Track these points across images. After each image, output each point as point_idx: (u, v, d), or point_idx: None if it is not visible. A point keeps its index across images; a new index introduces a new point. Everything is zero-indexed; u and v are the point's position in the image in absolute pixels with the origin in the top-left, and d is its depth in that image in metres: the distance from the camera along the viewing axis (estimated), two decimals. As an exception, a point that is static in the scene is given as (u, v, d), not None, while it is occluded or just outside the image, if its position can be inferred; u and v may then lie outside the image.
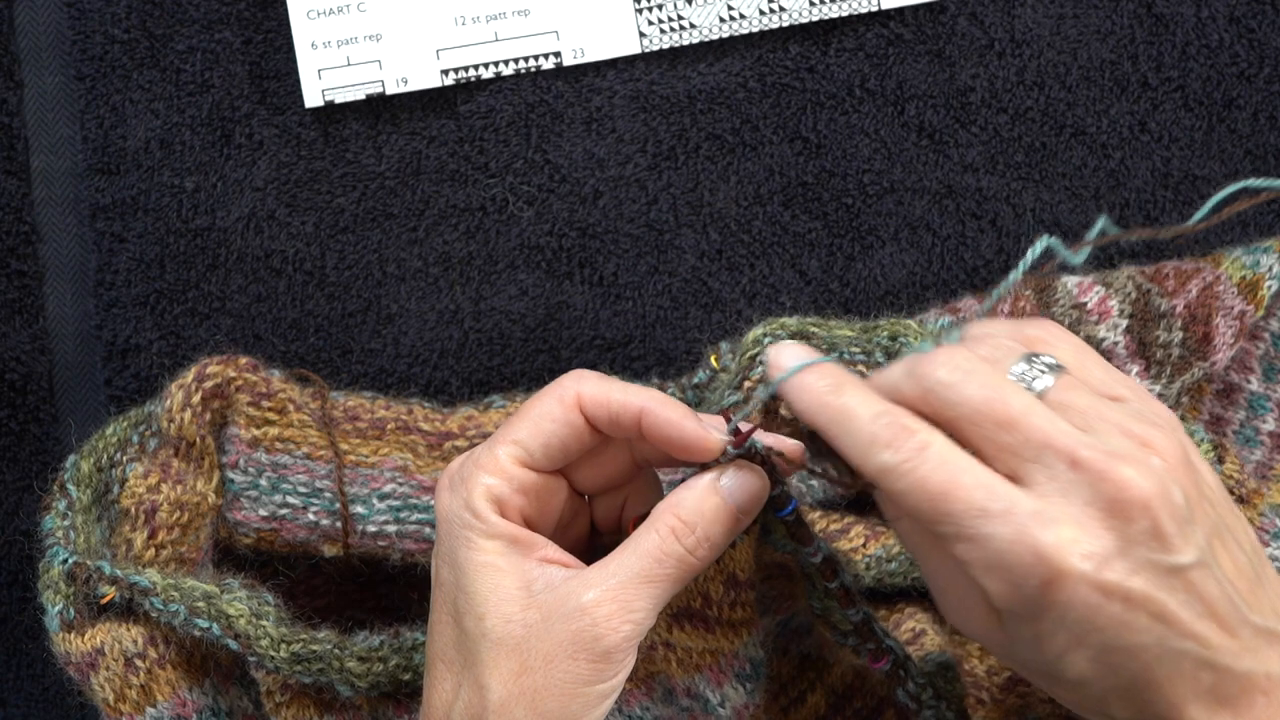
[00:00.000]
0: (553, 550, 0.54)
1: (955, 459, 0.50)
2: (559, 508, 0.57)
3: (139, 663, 0.61)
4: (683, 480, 0.56)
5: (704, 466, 0.55)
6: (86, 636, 0.62)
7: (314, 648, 0.61)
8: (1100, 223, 0.52)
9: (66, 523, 0.64)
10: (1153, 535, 0.48)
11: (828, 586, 0.58)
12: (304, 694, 0.61)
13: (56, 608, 0.62)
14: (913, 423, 0.50)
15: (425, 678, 0.55)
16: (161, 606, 0.61)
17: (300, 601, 0.66)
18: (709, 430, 0.54)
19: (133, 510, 0.64)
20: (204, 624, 0.61)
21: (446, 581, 0.54)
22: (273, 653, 0.60)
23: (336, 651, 0.61)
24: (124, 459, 0.65)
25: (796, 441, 0.56)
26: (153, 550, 0.63)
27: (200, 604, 0.61)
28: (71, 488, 0.65)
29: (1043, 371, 0.52)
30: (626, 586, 0.52)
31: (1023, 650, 0.50)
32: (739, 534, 0.55)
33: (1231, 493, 0.61)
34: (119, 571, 0.61)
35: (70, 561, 0.62)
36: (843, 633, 0.59)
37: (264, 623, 0.61)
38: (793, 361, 0.54)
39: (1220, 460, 0.61)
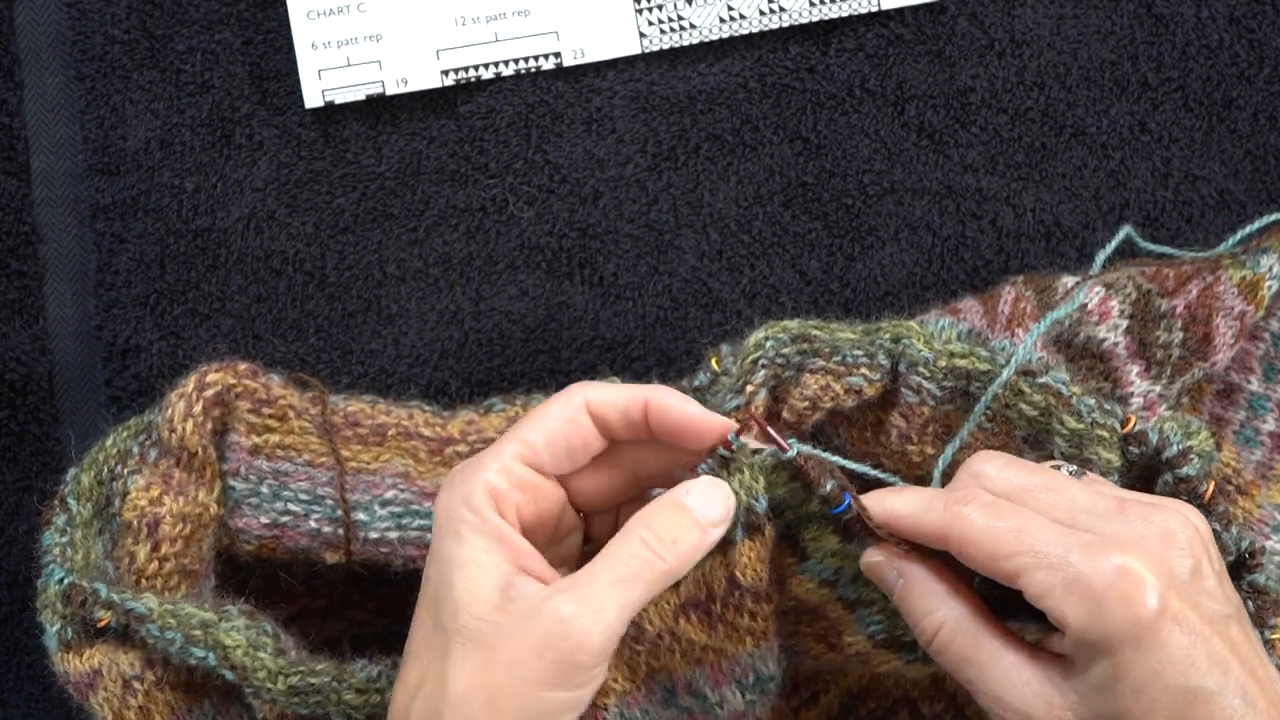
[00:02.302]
0: (538, 563, 0.55)
1: (1022, 509, 0.53)
2: (556, 518, 0.58)
3: (137, 685, 0.61)
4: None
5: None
6: (84, 657, 0.61)
7: (312, 680, 0.60)
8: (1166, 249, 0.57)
9: (65, 539, 0.63)
10: (1196, 574, 0.52)
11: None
12: None
13: (54, 628, 0.61)
14: (978, 489, 0.55)
15: (398, 674, 0.56)
16: (158, 634, 0.60)
17: (300, 603, 0.66)
18: (714, 415, 0.56)
19: (135, 523, 0.63)
20: (200, 653, 0.60)
21: (431, 579, 0.55)
22: (270, 685, 0.60)
23: (334, 684, 0.60)
24: (125, 471, 0.64)
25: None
26: (156, 563, 0.62)
27: (197, 632, 0.60)
28: (72, 502, 0.64)
29: (1070, 471, 0.56)
30: (598, 591, 0.53)
31: (1096, 703, 0.51)
32: (711, 546, 0.56)
33: (1229, 482, 0.62)
34: (115, 596, 0.61)
35: (67, 582, 0.61)
36: (909, 644, 0.59)
37: (261, 654, 0.60)
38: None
39: (1218, 448, 0.61)
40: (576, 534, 0.60)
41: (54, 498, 0.66)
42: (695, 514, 0.55)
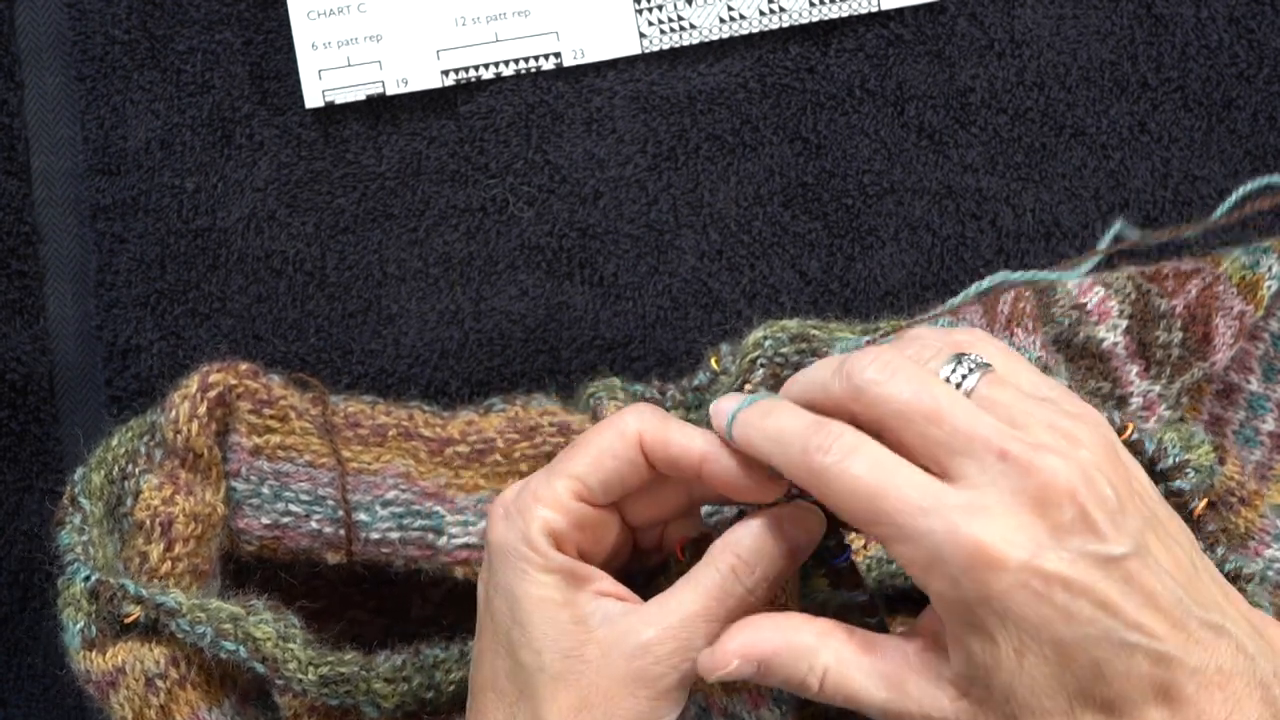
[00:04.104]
0: (608, 583, 0.54)
1: (886, 459, 0.50)
2: (612, 540, 0.57)
3: (160, 683, 0.61)
4: (736, 509, 0.56)
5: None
6: (108, 655, 0.61)
7: (342, 670, 0.61)
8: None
9: (84, 538, 0.63)
10: (1083, 524, 0.48)
11: (867, 622, 0.57)
12: (328, 716, 0.61)
13: (78, 625, 0.61)
14: (841, 428, 0.51)
15: (471, 705, 0.56)
16: (188, 628, 0.60)
17: (300, 604, 0.66)
18: (769, 480, 0.54)
19: (148, 523, 0.63)
20: (231, 646, 0.60)
21: (500, 611, 0.54)
22: (300, 675, 0.60)
23: (364, 673, 0.61)
24: (136, 470, 0.64)
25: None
26: (169, 563, 0.62)
27: (227, 626, 0.60)
28: (84, 501, 0.64)
29: (970, 371, 0.52)
30: (686, 624, 0.53)
31: (981, 676, 0.49)
32: (792, 572, 0.56)
33: (1232, 494, 0.61)
34: (144, 591, 0.61)
35: (93, 579, 0.61)
36: None
37: (291, 645, 0.60)
38: (729, 404, 0.55)
39: (1221, 462, 0.61)
40: (626, 539, 0.58)
41: (63, 497, 0.65)
42: (787, 542, 0.54)
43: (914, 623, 0.54)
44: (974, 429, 0.50)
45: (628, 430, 0.55)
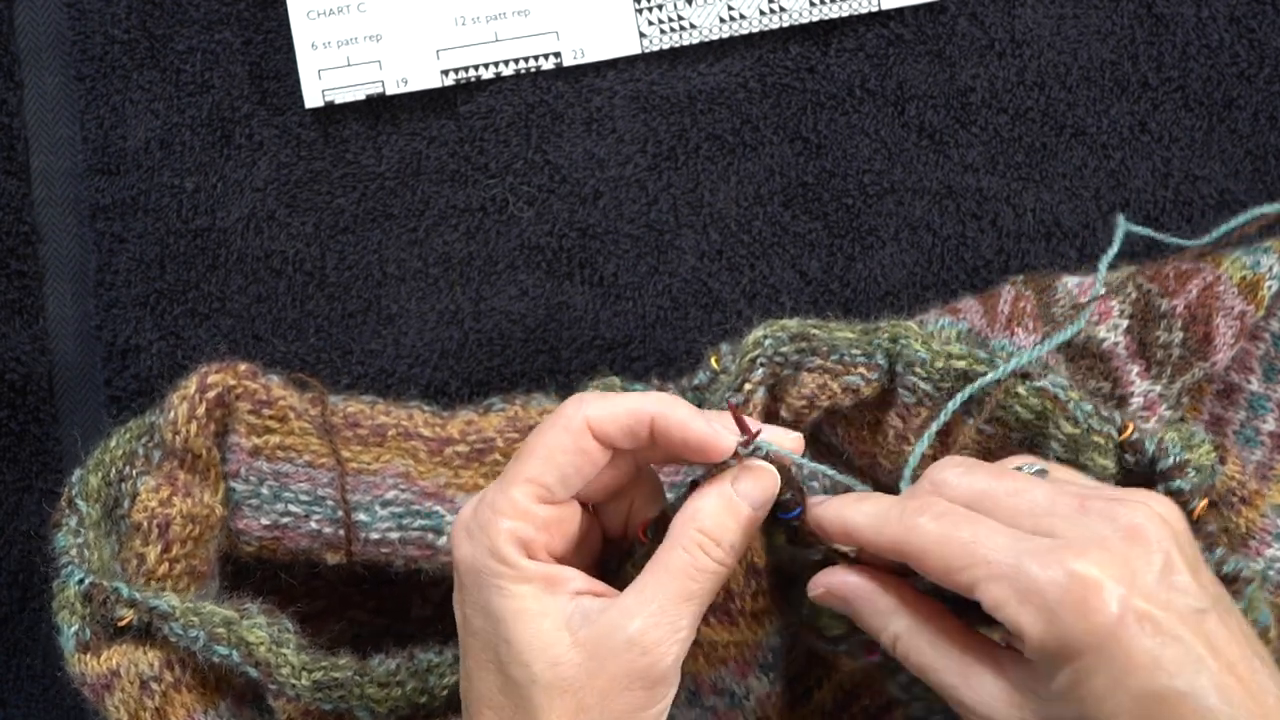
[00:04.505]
0: (583, 581, 0.54)
1: (976, 516, 0.52)
2: (578, 532, 0.57)
3: (154, 686, 0.61)
4: (688, 480, 0.56)
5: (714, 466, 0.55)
6: (102, 658, 0.61)
7: (335, 675, 0.61)
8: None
9: (80, 540, 0.63)
10: (1167, 570, 0.50)
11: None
12: None
13: (72, 628, 0.61)
14: (933, 498, 0.54)
15: None
16: (181, 632, 0.60)
17: (300, 604, 0.66)
18: (720, 431, 0.55)
19: (145, 525, 0.63)
20: (224, 650, 0.60)
21: (482, 630, 0.54)
22: (294, 680, 0.60)
23: (357, 678, 0.61)
24: (133, 472, 0.64)
25: (798, 434, 0.57)
26: (166, 565, 0.62)
27: (220, 630, 0.60)
28: (81, 503, 0.64)
29: (1035, 470, 0.56)
30: (668, 609, 0.53)
31: (1059, 709, 0.50)
32: (755, 530, 0.56)
33: (1233, 494, 0.61)
34: (137, 595, 0.61)
35: (87, 582, 0.61)
36: (832, 638, 0.59)
37: (284, 650, 0.60)
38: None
39: (1222, 461, 0.61)
40: (595, 528, 0.58)
41: (60, 499, 0.65)
42: (745, 504, 0.55)
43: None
44: (1055, 495, 0.52)
45: (573, 421, 0.54)
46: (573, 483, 0.55)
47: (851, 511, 0.55)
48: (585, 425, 0.54)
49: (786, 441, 0.56)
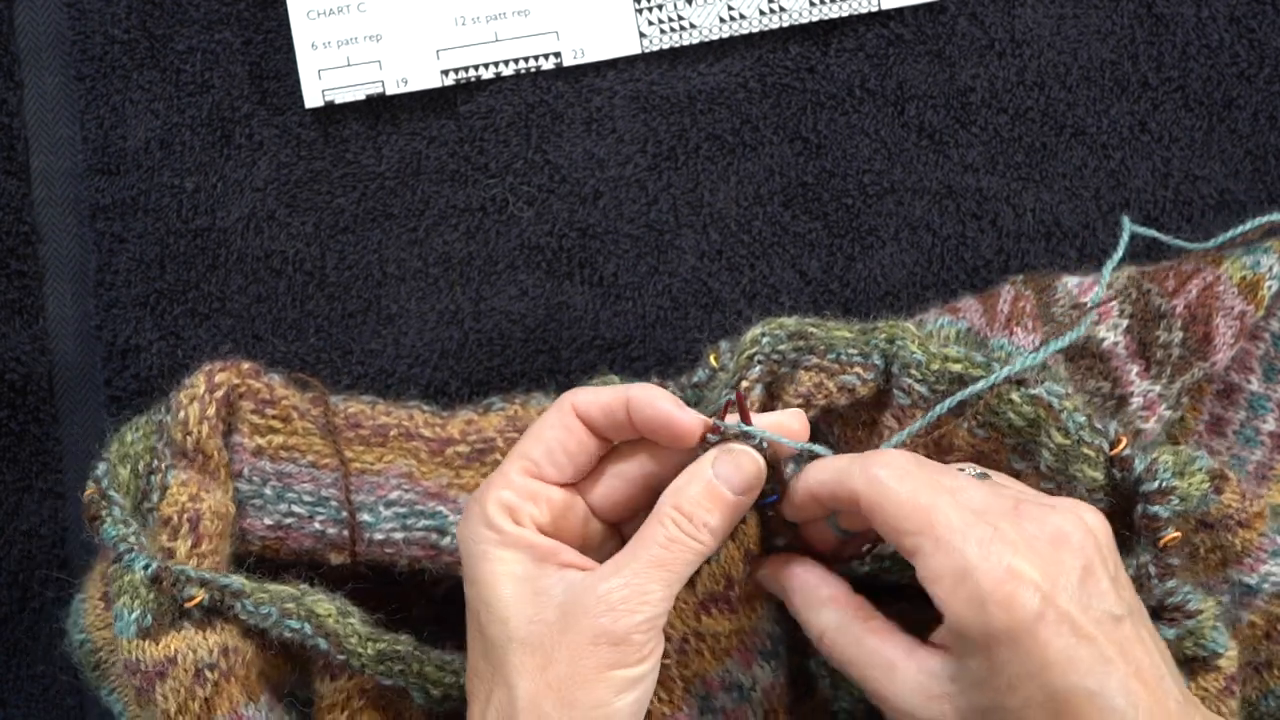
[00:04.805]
0: (571, 555, 0.56)
1: (935, 484, 0.54)
2: (578, 528, 0.59)
3: (208, 674, 0.61)
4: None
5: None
6: (161, 644, 0.61)
7: (398, 648, 0.62)
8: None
9: (130, 529, 0.63)
10: (1088, 575, 0.52)
11: None
12: (374, 704, 0.62)
13: (134, 614, 0.61)
14: (896, 452, 0.56)
15: (467, 697, 0.57)
16: (253, 609, 0.61)
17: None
18: (687, 411, 0.57)
19: (175, 519, 0.63)
20: (295, 624, 0.61)
21: (471, 599, 0.56)
22: (360, 649, 0.61)
23: (418, 654, 0.62)
24: (163, 465, 0.65)
25: (797, 410, 0.59)
26: (195, 559, 0.62)
27: (290, 605, 0.61)
28: (114, 494, 0.64)
29: (976, 473, 0.58)
30: (638, 574, 0.55)
31: (971, 695, 0.52)
32: (741, 515, 0.58)
33: (1230, 519, 0.62)
34: (207, 575, 0.61)
35: (154, 566, 0.61)
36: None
37: (351, 620, 0.62)
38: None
39: (1218, 491, 0.61)
40: (610, 543, 0.60)
41: (87, 493, 0.65)
42: (722, 487, 0.56)
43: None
44: (991, 497, 0.54)
45: (563, 405, 0.58)
46: (560, 461, 0.57)
47: (814, 469, 0.57)
48: (571, 407, 0.58)
49: (788, 421, 0.58)
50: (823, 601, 0.57)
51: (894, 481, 0.54)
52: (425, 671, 0.62)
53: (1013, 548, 0.51)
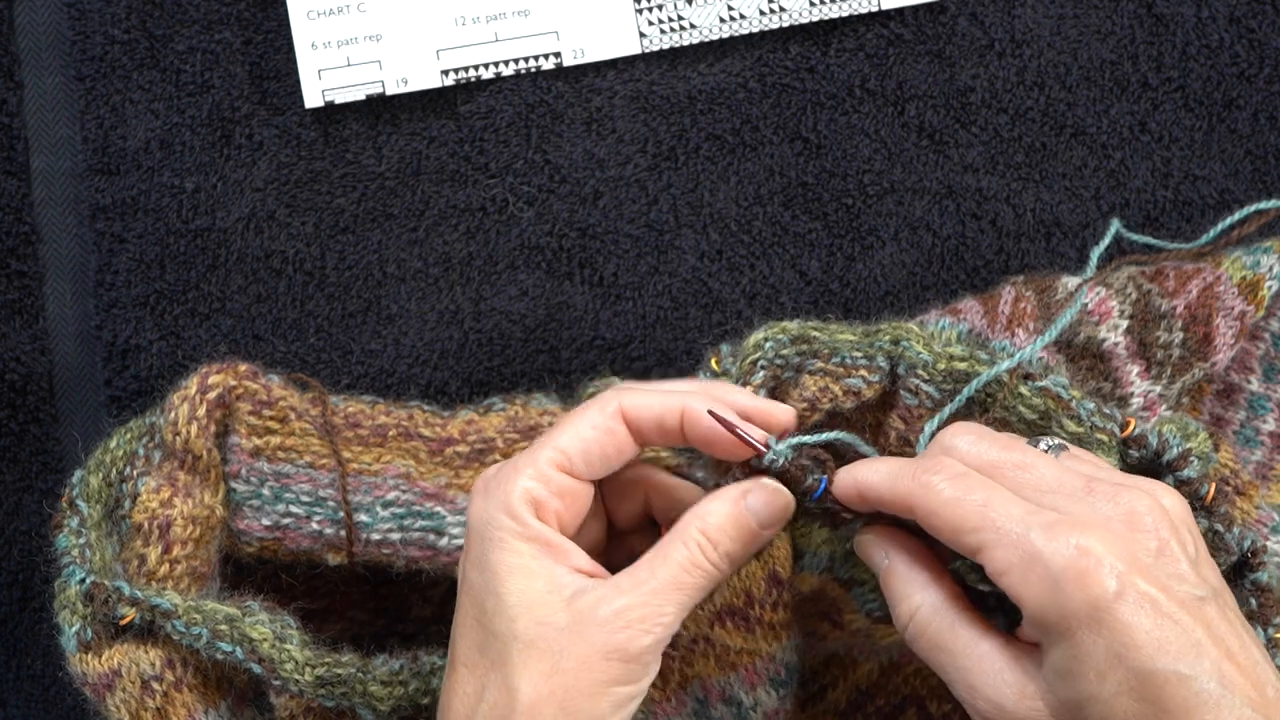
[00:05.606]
0: (584, 560, 0.55)
1: (989, 482, 0.53)
2: (590, 529, 0.58)
3: (156, 685, 0.61)
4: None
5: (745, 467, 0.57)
6: (104, 657, 0.61)
7: (338, 671, 0.61)
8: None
9: (81, 540, 0.63)
10: (1164, 555, 0.50)
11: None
12: (324, 718, 0.61)
13: (74, 628, 0.61)
14: (948, 459, 0.54)
15: (444, 682, 0.56)
16: (184, 630, 0.60)
17: (300, 604, 0.66)
18: (750, 427, 0.56)
19: (146, 525, 0.63)
20: (227, 647, 0.60)
21: (475, 584, 0.55)
22: (297, 676, 0.60)
23: (360, 675, 0.61)
24: (134, 473, 0.64)
25: (787, 407, 0.59)
26: (167, 565, 0.62)
27: (223, 627, 0.60)
28: (82, 504, 0.64)
29: (1050, 447, 0.56)
30: (657, 594, 0.54)
31: (1061, 688, 0.50)
32: (759, 548, 0.57)
33: (1226, 483, 0.61)
34: (139, 593, 0.61)
35: (88, 581, 0.61)
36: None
37: (288, 646, 0.61)
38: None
39: (1215, 448, 0.61)
40: (610, 544, 0.60)
41: (60, 500, 0.65)
42: (753, 519, 0.56)
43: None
44: (1062, 474, 0.53)
45: (608, 404, 0.56)
46: (594, 461, 0.56)
47: (865, 470, 0.56)
48: (619, 410, 0.56)
49: (776, 411, 0.58)
50: (923, 579, 0.55)
51: (945, 485, 0.52)
52: (370, 690, 0.61)
53: (1082, 528, 0.50)
